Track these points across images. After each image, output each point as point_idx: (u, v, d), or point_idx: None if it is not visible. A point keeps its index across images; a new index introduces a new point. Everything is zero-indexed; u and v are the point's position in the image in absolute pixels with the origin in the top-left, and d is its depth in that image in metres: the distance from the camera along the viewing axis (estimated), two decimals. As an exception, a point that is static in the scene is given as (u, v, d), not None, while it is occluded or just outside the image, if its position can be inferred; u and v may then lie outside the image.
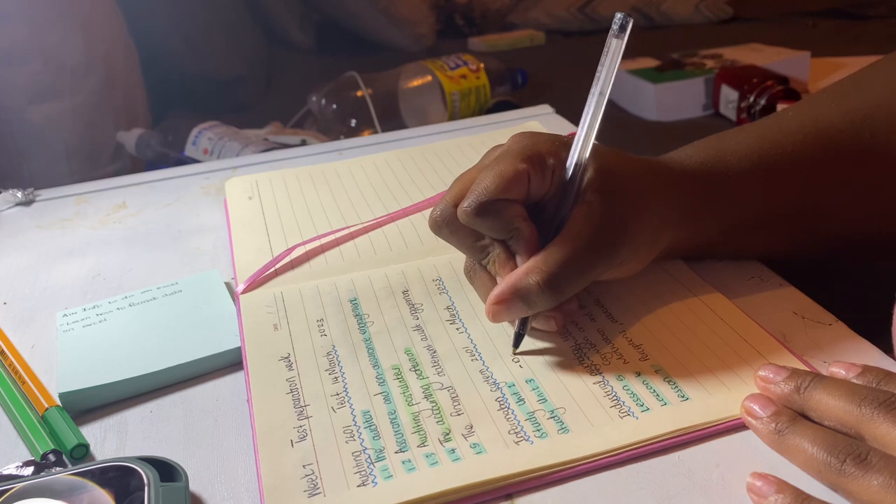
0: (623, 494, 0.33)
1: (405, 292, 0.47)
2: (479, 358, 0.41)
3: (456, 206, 0.41)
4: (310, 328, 0.45)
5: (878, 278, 0.59)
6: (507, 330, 0.43)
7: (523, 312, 0.40)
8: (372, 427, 0.37)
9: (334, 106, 1.26)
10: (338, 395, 0.39)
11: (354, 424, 0.37)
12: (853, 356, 0.39)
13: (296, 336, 0.44)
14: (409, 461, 0.35)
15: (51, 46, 1.08)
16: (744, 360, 0.39)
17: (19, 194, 0.68)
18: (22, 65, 1.06)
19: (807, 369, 0.37)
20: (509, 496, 0.33)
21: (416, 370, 0.41)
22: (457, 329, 0.44)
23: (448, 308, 0.45)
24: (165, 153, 1.09)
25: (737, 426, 0.36)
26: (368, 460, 0.35)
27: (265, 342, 0.44)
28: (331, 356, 0.42)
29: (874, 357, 0.39)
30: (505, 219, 0.40)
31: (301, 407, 0.39)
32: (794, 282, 0.45)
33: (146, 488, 0.32)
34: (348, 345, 0.43)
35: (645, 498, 0.33)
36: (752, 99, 1.26)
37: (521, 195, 0.40)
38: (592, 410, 0.37)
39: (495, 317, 0.40)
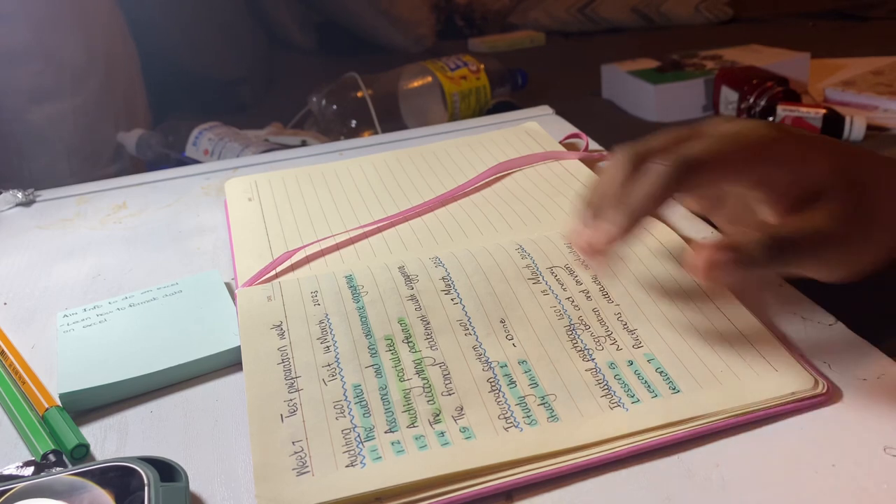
0: (623, 494, 0.33)
1: (401, 267, 0.47)
2: (472, 332, 0.41)
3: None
4: (303, 298, 0.45)
5: (879, 279, 0.59)
6: (502, 302, 0.43)
7: (737, 270, 0.35)
8: (362, 403, 0.37)
9: (334, 107, 1.26)
10: (329, 365, 0.39)
11: (345, 399, 0.37)
12: (853, 357, 0.39)
13: (288, 305, 0.44)
14: (398, 442, 0.35)
15: (51, 47, 1.08)
16: (740, 357, 0.39)
17: (20, 195, 0.68)
18: (23, 65, 1.06)
19: None
20: (509, 496, 0.33)
21: (408, 342, 0.41)
22: (451, 300, 0.44)
23: (443, 279, 0.45)
24: (166, 154, 1.09)
25: (734, 425, 0.36)
26: (358, 439, 0.35)
27: (258, 313, 0.44)
28: (323, 324, 0.42)
29: (874, 358, 0.39)
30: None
31: (292, 379, 0.39)
32: (794, 282, 0.45)
33: (146, 488, 0.32)
34: (341, 313, 0.43)
35: (645, 498, 0.33)
36: (751, 100, 1.26)
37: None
38: (583, 400, 0.37)
39: (706, 270, 0.35)
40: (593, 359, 0.39)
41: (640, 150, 0.39)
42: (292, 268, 0.50)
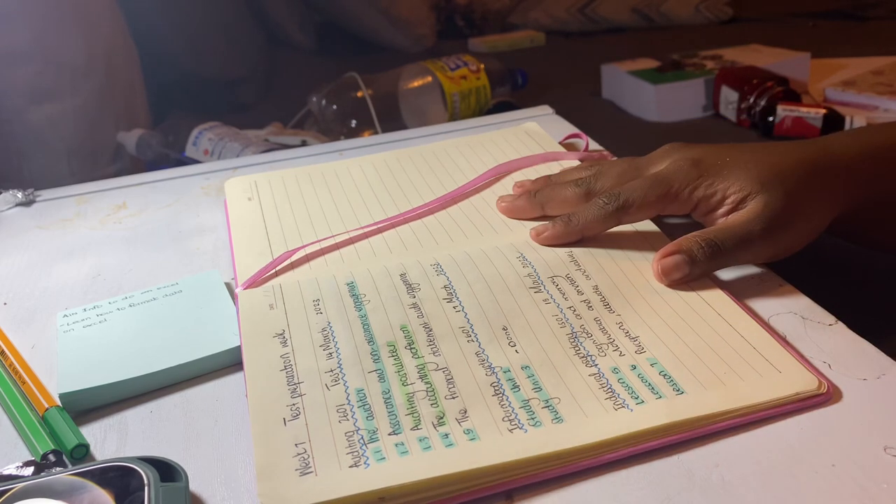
0: (623, 495, 0.33)
1: (402, 275, 0.47)
2: (475, 339, 0.41)
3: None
4: (305, 307, 0.45)
5: (878, 278, 0.60)
6: (504, 310, 0.43)
7: (685, 269, 0.44)
8: (366, 406, 0.37)
9: (334, 106, 1.26)
10: (332, 371, 0.39)
11: (348, 403, 0.37)
12: (853, 357, 0.39)
13: (291, 314, 0.44)
14: (402, 444, 0.35)
15: (51, 47, 1.08)
16: (741, 358, 0.39)
17: (20, 195, 0.68)
18: (22, 65, 1.06)
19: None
20: (509, 496, 0.33)
21: (411, 348, 0.41)
22: (454, 308, 0.44)
23: (445, 287, 0.45)
24: (166, 154, 1.09)
25: (735, 425, 0.36)
26: (361, 441, 0.35)
27: (260, 321, 0.44)
28: (325, 332, 0.42)
29: (874, 358, 0.39)
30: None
31: (294, 384, 0.39)
32: (794, 282, 0.46)
33: (146, 488, 0.32)
34: (344, 321, 0.43)
35: (645, 498, 0.33)
36: (752, 100, 1.26)
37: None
38: (587, 402, 0.37)
39: (662, 272, 0.45)
40: (596, 364, 0.39)
41: (591, 186, 0.50)
42: (292, 267, 0.50)
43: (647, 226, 0.51)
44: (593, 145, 0.66)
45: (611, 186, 0.50)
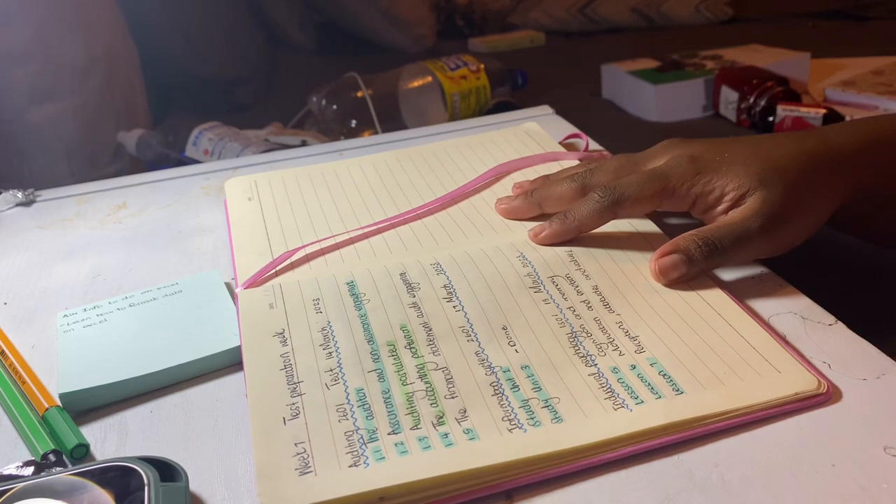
0: (623, 495, 0.33)
1: (402, 274, 0.47)
2: (475, 339, 0.41)
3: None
4: (305, 306, 0.45)
5: (878, 278, 0.60)
6: (504, 310, 0.43)
7: (682, 269, 0.44)
8: (365, 406, 0.37)
9: (334, 106, 1.26)
10: (331, 370, 0.40)
11: (348, 403, 0.37)
12: (853, 357, 0.39)
13: (291, 313, 0.44)
14: (402, 444, 0.35)
15: (51, 47, 1.08)
16: (741, 358, 0.39)
17: (20, 195, 0.68)
18: (22, 65, 1.06)
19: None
20: (509, 496, 0.33)
21: (410, 348, 0.41)
22: (454, 307, 0.44)
23: (445, 286, 0.46)
24: (166, 154, 1.09)
25: (735, 425, 0.36)
26: (361, 440, 0.35)
27: (260, 320, 0.44)
28: (325, 331, 0.42)
29: (874, 358, 0.39)
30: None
31: (294, 384, 0.39)
32: (794, 282, 0.46)
33: (146, 488, 0.32)
34: (343, 320, 0.43)
35: (645, 498, 0.33)
36: (752, 100, 1.26)
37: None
38: (587, 402, 0.37)
39: (659, 271, 0.45)
40: (596, 364, 0.39)
41: (586, 181, 0.50)
42: (292, 267, 0.50)
43: (648, 226, 0.51)
44: (593, 145, 0.66)
45: (607, 181, 0.50)
